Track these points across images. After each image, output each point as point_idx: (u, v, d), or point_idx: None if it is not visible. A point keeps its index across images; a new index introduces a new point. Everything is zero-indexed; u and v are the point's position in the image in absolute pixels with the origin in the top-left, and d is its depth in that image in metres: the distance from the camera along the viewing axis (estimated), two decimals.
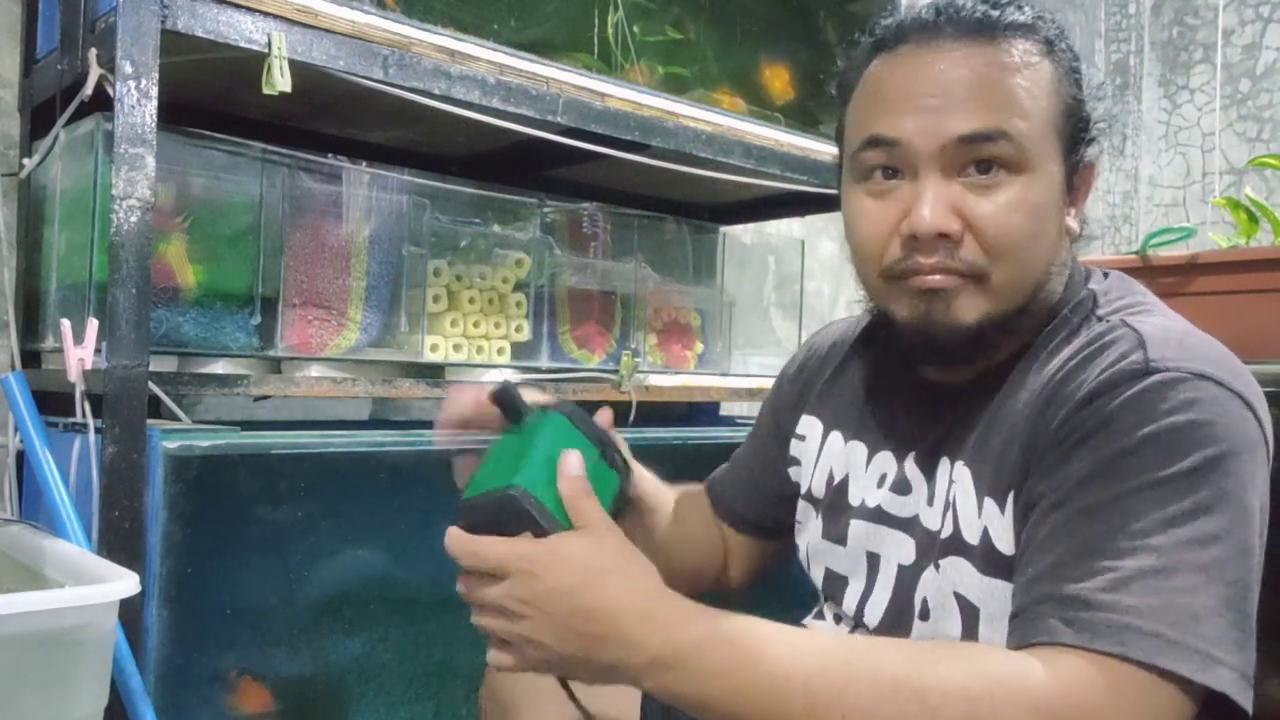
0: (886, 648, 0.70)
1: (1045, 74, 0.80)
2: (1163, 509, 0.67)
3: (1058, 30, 0.83)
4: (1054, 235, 0.81)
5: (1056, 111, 0.80)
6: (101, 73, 1.12)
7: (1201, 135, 3.83)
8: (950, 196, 0.78)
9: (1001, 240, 0.78)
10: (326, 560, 1.21)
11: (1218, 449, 0.68)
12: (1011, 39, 0.80)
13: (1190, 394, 0.70)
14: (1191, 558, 0.65)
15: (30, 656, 0.81)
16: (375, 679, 1.25)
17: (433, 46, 1.33)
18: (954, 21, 0.80)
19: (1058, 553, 0.68)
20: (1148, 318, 0.78)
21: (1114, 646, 0.63)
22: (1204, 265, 1.35)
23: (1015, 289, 0.80)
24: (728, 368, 1.99)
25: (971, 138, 0.77)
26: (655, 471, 1.07)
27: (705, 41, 1.80)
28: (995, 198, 0.78)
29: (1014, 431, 0.78)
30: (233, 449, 1.14)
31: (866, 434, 0.94)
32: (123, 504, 1.07)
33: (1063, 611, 0.66)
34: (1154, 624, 0.63)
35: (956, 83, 0.78)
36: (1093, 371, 0.74)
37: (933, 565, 0.82)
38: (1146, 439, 0.69)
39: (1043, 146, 0.79)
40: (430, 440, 1.32)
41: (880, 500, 0.89)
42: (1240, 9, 3.73)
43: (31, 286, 1.41)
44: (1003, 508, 0.78)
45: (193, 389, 1.23)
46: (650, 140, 1.57)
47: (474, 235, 1.60)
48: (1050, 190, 0.80)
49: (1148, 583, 0.64)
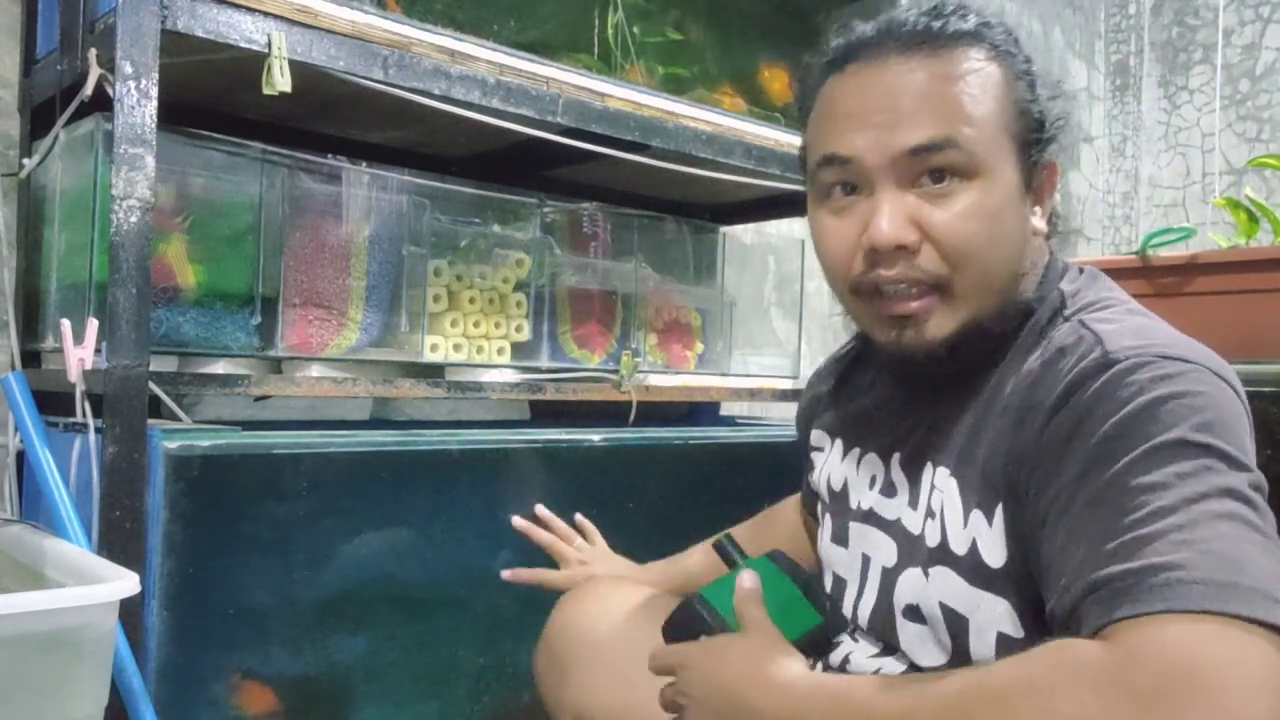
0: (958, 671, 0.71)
1: (992, 78, 0.81)
2: (1164, 473, 0.66)
3: (1005, 34, 0.84)
4: (1016, 237, 0.82)
5: (1007, 115, 0.81)
6: (101, 73, 1.12)
7: (1201, 135, 3.83)
8: (906, 208, 0.80)
9: (960, 247, 0.79)
10: (327, 560, 1.21)
11: (1202, 416, 0.68)
12: (955, 48, 0.81)
13: (1157, 371, 0.70)
14: (1209, 508, 0.64)
15: (30, 656, 0.81)
16: (378, 679, 1.25)
17: (433, 46, 1.34)
18: (897, 36, 0.82)
19: (1079, 553, 0.67)
20: (1104, 314, 0.80)
21: (1161, 604, 0.60)
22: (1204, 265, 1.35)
23: (980, 294, 0.81)
24: (728, 368, 2.00)
25: (921, 149, 0.79)
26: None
27: (705, 42, 1.80)
28: (950, 206, 0.79)
29: (997, 441, 0.79)
30: (233, 449, 1.14)
31: (860, 439, 0.97)
32: (123, 504, 1.07)
33: (1103, 596, 0.64)
34: (1192, 572, 0.60)
35: (902, 96, 0.80)
36: (1057, 375, 0.75)
37: (919, 570, 0.84)
38: (1126, 419, 0.69)
39: (994, 151, 0.80)
40: (429, 440, 1.32)
41: (872, 503, 0.92)
42: (1240, 9, 3.73)
43: (31, 286, 1.41)
44: (990, 519, 0.78)
45: (193, 389, 1.23)
46: (650, 140, 1.57)
47: (474, 235, 1.60)
48: (1006, 193, 0.81)
49: (1173, 539, 0.62)
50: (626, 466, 1.47)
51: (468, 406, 1.78)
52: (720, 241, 2.05)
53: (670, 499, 1.50)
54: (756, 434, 1.69)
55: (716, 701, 0.80)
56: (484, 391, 1.49)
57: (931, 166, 0.79)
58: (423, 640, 1.28)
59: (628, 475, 1.47)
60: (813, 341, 2.58)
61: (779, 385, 2.03)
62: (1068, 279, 0.86)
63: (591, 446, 1.45)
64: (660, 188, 1.89)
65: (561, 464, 1.42)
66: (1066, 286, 0.85)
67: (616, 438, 1.48)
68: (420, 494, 1.28)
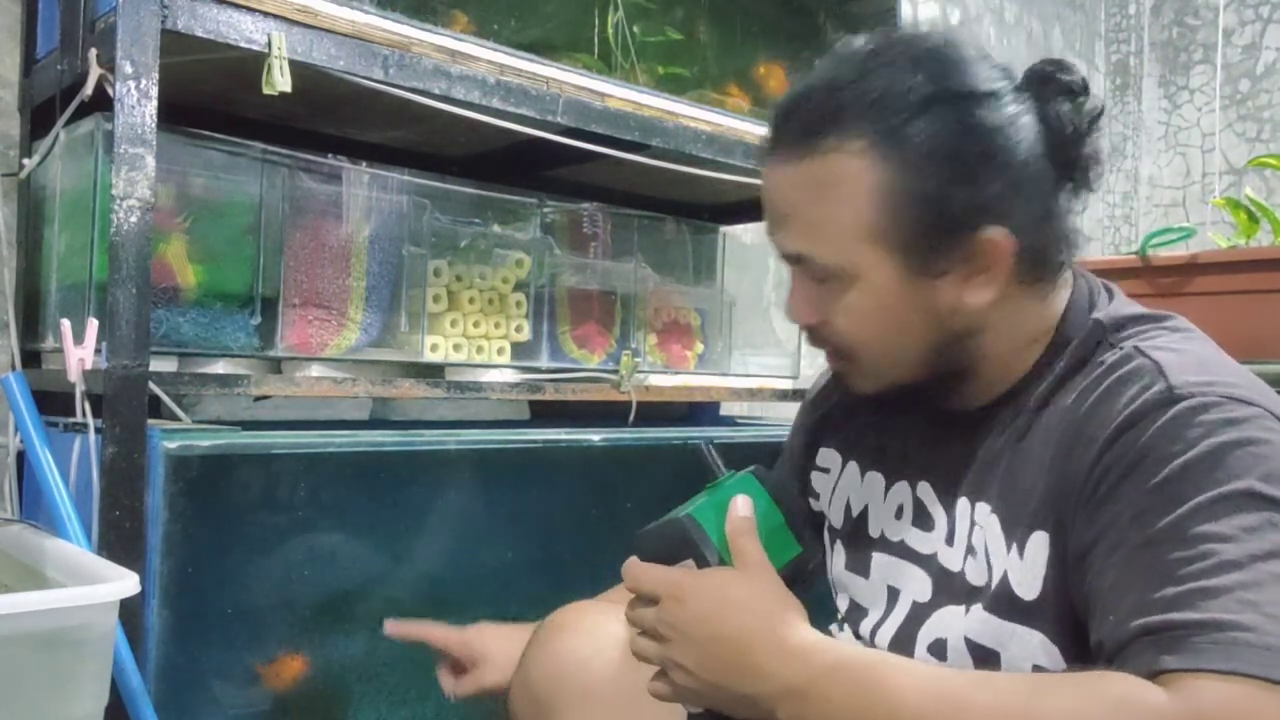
0: (1004, 678, 0.70)
1: (863, 181, 0.78)
2: (1230, 525, 0.65)
3: (910, 112, 0.77)
4: (917, 324, 0.81)
5: (876, 218, 0.78)
6: (101, 73, 1.12)
7: (1201, 135, 3.83)
8: (809, 294, 0.84)
9: (846, 339, 0.83)
10: (327, 560, 1.21)
11: (1268, 466, 0.67)
12: (825, 152, 0.79)
13: (1223, 415, 0.69)
14: (1275, 569, 0.63)
15: (30, 656, 0.81)
16: (376, 678, 1.25)
17: (433, 46, 1.33)
18: (780, 139, 0.84)
19: (1135, 591, 0.66)
20: (1161, 340, 0.77)
21: (1224, 663, 0.60)
22: (1204, 265, 1.35)
23: (888, 369, 0.84)
24: (728, 368, 1.99)
25: (789, 258, 0.84)
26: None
27: (705, 41, 1.80)
28: (834, 302, 0.83)
29: (1038, 473, 0.77)
30: (233, 449, 1.14)
31: (883, 464, 0.94)
32: (123, 504, 1.07)
33: (1160, 641, 0.63)
34: (1262, 637, 0.60)
35: (773, 205, 0.84)
36: (1116, 406, 0.73)
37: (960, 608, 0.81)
38: (1191, 464, 0.67)
39: (856, 259, 0.80)
40: (429, 440, 1.32)
41: (903, 535, 0.89)
42: (1240, 9, 3.73)
43: (31, 286, 1.41)
44: (1022, 550, 0.77)
45: (193, 389, 1.23)
46: (650, 140, 1.56)
47: (474, 235, 1.60)
48: (883, 294, 0.80)
49: (1239, 596, 0.62)
50: (626, 466, 1.47)
51: (467, 406, 1.78)
52: (720, 241, 2.05)
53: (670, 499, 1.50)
54: (756, 434, 1.69)
55: (714, 649, 0.74)
56: (484, 391, 1.49)
57: (806, 269, 0.83)
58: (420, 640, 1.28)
59: (628, 475, 1.47)
60: None
61: (779, 385, 2.03)
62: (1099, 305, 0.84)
63: (591, 446, 1.45)
64: (660, 188, 1.89)
65: (561, 464, 1.42)
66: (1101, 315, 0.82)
67: (616, 438, 1.48)
68: (420, 494, 1.28)
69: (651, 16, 1.71)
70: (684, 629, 0.75)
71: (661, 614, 0.77)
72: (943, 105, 0.77)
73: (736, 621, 0.74)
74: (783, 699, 0.70)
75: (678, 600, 0.76)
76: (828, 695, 0.69)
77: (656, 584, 0.78)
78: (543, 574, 1.37)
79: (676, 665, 0.76)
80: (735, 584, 0.76)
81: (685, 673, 0.75)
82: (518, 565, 1.29)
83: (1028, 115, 0.80)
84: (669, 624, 0.76)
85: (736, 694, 0.73)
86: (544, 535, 1.39)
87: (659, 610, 0.77)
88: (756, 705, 0.72)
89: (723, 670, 0.73)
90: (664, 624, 0.76)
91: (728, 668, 0.73)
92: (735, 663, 0.73)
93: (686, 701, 0.79)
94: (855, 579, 0.93)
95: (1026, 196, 0.79)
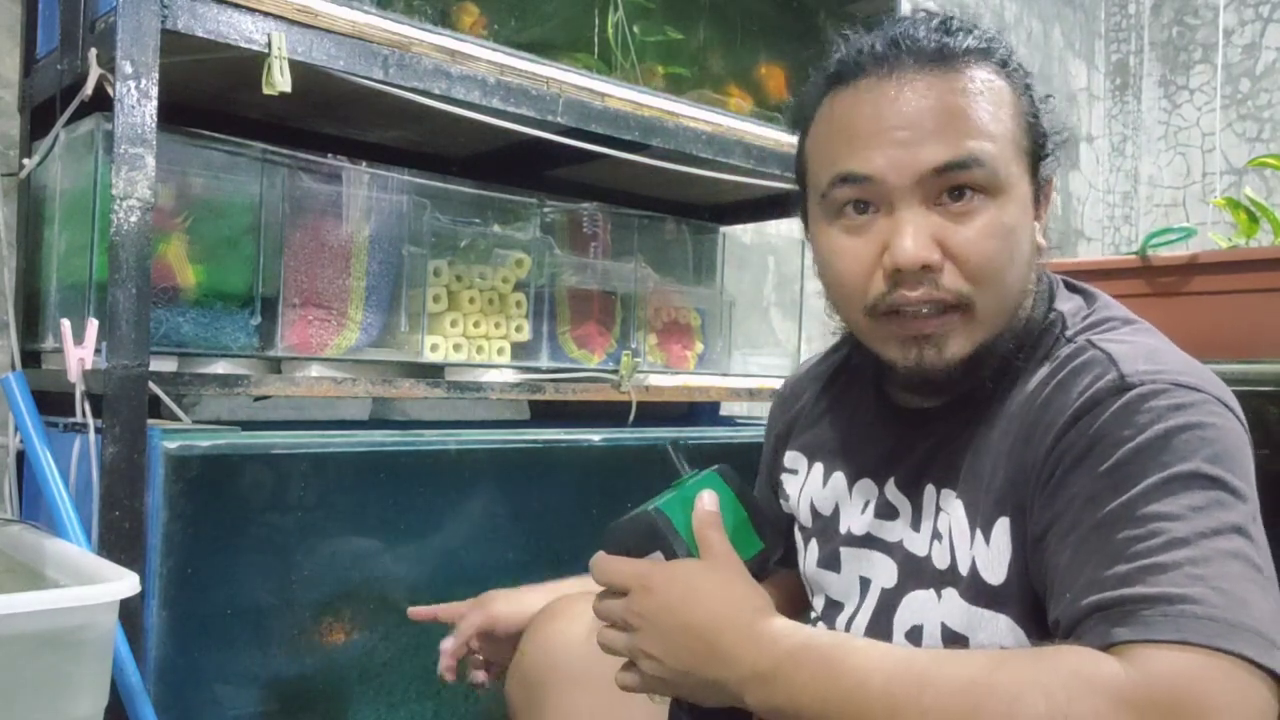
0: (965, 654, 0.71)
1: (1005, 96, 0.81)
2: (1178, 504, 0.67)
3: (1009, 51, 0.84)
4: (1028, 253, 0.82)
5: (1019, 131, 0.81)
6: (101, 73, 1.12)
7: (1201, 135, 3.83)
8: (929, 227, 0.78)
9: (983, 265, 0.78)
10: (326, 560, 1.21)
11: (1214, 449, 0.69)
12: (969, 65, 0.80)
13: (1171, 401, 0.71)
14: (1221, 545, 0.66)
15: (30, 656, 0.81)
16: (375, 678, 1.25)
17: (433, 46, 1.33)
18: (912, 52, 0.80)
19: (1088, 570, 0.68)
20: (1113, 334, 0.80)
21: (1173, 634, 0.62)
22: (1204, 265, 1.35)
23: (999, 313, 0.81)
24: (728, 368, 1.99)
25: (946, 167, 0.77)
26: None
27: (705, 41, 1.80)
28: (972, 224, 0.78)
29: (998, 460, 0.80)
30: (233, 449, 1.14)
31: (846, 464, 0.95)
32: (123, 504, 1.07)
33: (1112, 615, 0.65)
34: (1208, 609, 0.63)
35: (924, 113, 0.78)
36: (1070, 395, 0.75)
37: (929, 591, 0.83)
38: (1142, 447, 0.70)
39: (1011, 168, 0.80)
40: (429, 440, 1.32)
41: (868, 527, 0.91)
42: (1240, 9, 3.73)
43: (31, 286, 1.41)
44: (988, 537, 0.79)
45: (193, 389, 1.23)
46: (650, 140, 1.57)
47: (474, 235, 1.60)
48: (1022, 210, 0.81)
49: (1187, 571, 0.64)
50: (626, 466, 1.47)
51: (467, 406, 1.78)
52: (720, 241, 2.05)
53: None
54: (756, 434, 1.69)
55: (682, 637, 0.75)
56: (484, 391, 1.49)
57: (954, 184, 0.78)
58: (419, 640, 1.28)
59: (628, 475, 1.47)
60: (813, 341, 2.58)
61: (779, 385, 2.03)
62: (1061, 297, 0.87)
63: (591, 446, 1.45)
64: (660, 188, 1.89)
65: (561, 464, 1.42)
66: (1064, 305, 0.85)
67: (616, 438, 1.48)
68: (419, 494, 1.28)
69: (651, 16, 1.71)
70: (652, 618, 0.76)
71: (630, 604, 0.78)
72: (1017, 60, 0.85)
73: (704, 609, 0.75)
74: (750, 683, 0.71)
75: (646, 590, 0.77)
76: (793, 678, 0.70)
77: (625, 576, 0.79)
78: (543, 574, 1.37)
79: (645, 655, 0.77)
80: (702, 574, 0.78)
81: (654, 662, 0.76)
82: (518, 565, 1.29)
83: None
84: (637, 614, 0.77)
85: (705, 680, 0.74)
86: (544, 535, 1.39)
87: (627, 601, 0.78)
88: (725, 690, 0.73)
89: (691, 658, 0.74)
90: (632, 614, 0.77)
91: (695, 655, 0.74)
92: (703, 650, 0.74)
93: (655, 691, 0.80)
94: (827, 575, 0.94)
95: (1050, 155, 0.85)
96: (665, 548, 0.81)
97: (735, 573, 0.78)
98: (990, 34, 0.84)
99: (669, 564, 0.79)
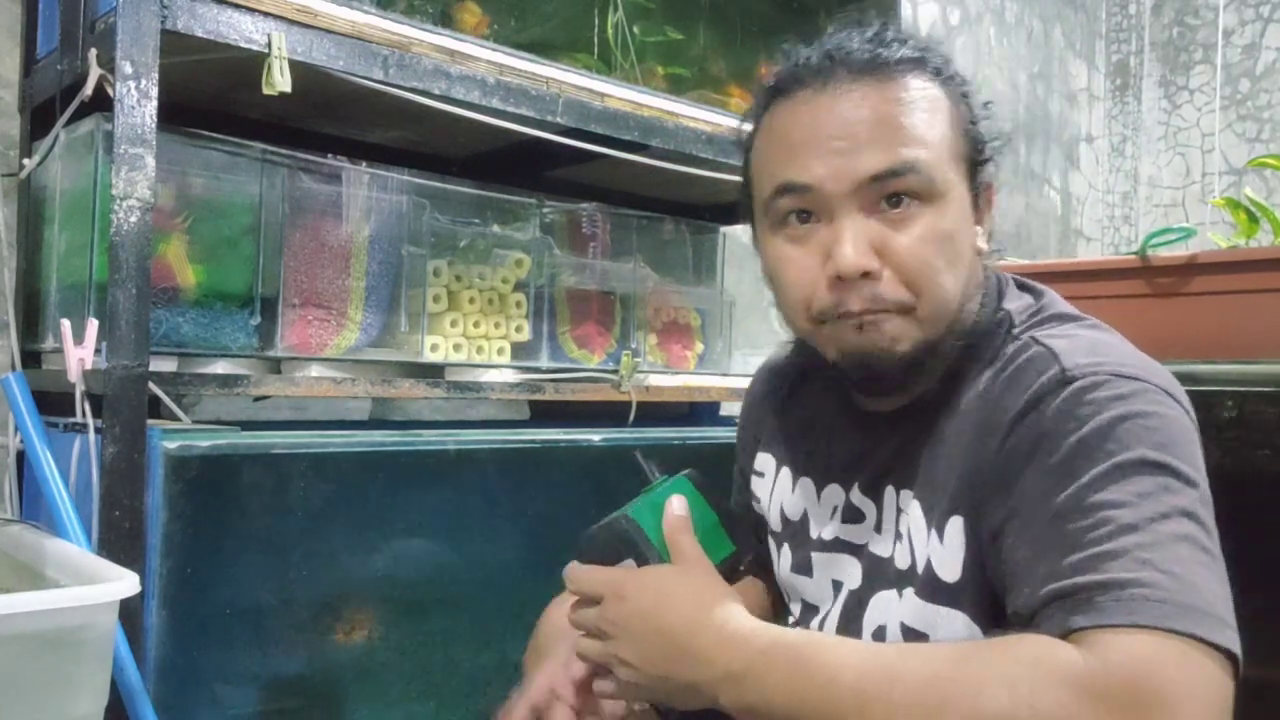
0: (933, 647, 0.72)
1: (940, 104, 0.82)
2: (1125, 491, 0.68)
3: (944, 59, 0.85)
4: (969, 257, 0.83)
5: (955, 137, 0.83)
6: (101, 73, 1.12)
7: (1201, 135, 3.84)
8: (868, 234, 0.80)
9: (920, 270, 0.80)
10: (326, 560, 1.21)
11: (1157, 436, 0.71)
12: (904, 74, 0.82)
13: (1112, 391, 0.73)
14: (1169, 529, 0.67)
15: (30, 656, 0.81)
16: (374, 678, 1.25)
17: (432, 46, 1.34)
18: (846, 63, 0.82)
19: (1044, 562, 0.69)
20: (1056, 329, 0.81)
21: (1126, 618, 0.63)
22: (1204, 265, 1.35)
23: (939, 316, 0.82)
24: (728, 368, 1.99)
25: (882, 175, 0.79)
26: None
27: (705, 41, 1.80)
28: (910, 230, 0.80)
29: (951, 460, 0.81)
30: (233, 449, 1.14)
31: (813, 470, 0.97)
32: (123, 504, 1.07)
33: (1068, 604, 0.66)
34: (1158, 591, 0.64)
35: (859, 123, 0.80)
36: (1017, 392, 0.77)
37: (892, 592, 0.84)
38: (1086, 438, 0.71)
39: (948, 173, 0.81)
40: (429, 440, 1.32)
41: (836, 531, 0.92)
42: (1240, 9, 3.73)
43: (31, 286, 1.41)
44: (942, 536, 0.80)
45: (193, 389, 1.23)
46: (650, 140, 1.57)
47: (474, 235, 1.60)
48: (960, 215, 0.82)
49: (1136, 556, 0.66)
50: (626, 467, 1.47)
51: (467, 406, 1.78)
52: (720, 241, 2.05)
53: None
54: None
55: (656, 641, 0.76)
56: (484, 391, 1.49)
57: (891, 192, 0.79)
58: (419, 640, 1.28)
59: (627, 475, 1.47)
60: None
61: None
62: (1010, 296, 0.88)
63: (591, 446, 1.45)
64: (660, 188, 1.89)
65: (561, 464, 1.42)
66: (1012, 304, 0.86)
67: (616, 438, 1.48)
68: (419, 494, 1.28)
69: (651, 17, 1.71)
70: (626, 625, 0.77)
71: (604, 612, 0.79)
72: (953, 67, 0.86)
73: (676, 613, 0.76)
74: (723, 684, 0.72)
75: (619, 598, 0.78)
76: (765, 676, 0.70)
77: (598, 584, 0.81)
78: (543, 574, 1.37)
79: (621, 661, 0.78)
80: (674, 578, 0.79)
81: (630, 668, 0.77)
82: (518, 565, 1.29)
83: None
84: (611, 621, 0.78)
85: (680, 684, 0.74)
86: (544, 535, 1.39)
87: (601, 609, 0.80)
88: (700, 693, 0.73)
89: (665, 662, 0.75)
90: (607, 622, 0.79)
91: (670, 659, 0.75)
92: (677, 653, 0.75)
93: (632, 697, 0.81)
94: (801, 579, 0.95)
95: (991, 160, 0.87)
96: (637, 554, 0.82)
97: (706, 576, 0.80)
98: (925, 43, 0.85)
99: (641, 570, 0.81)
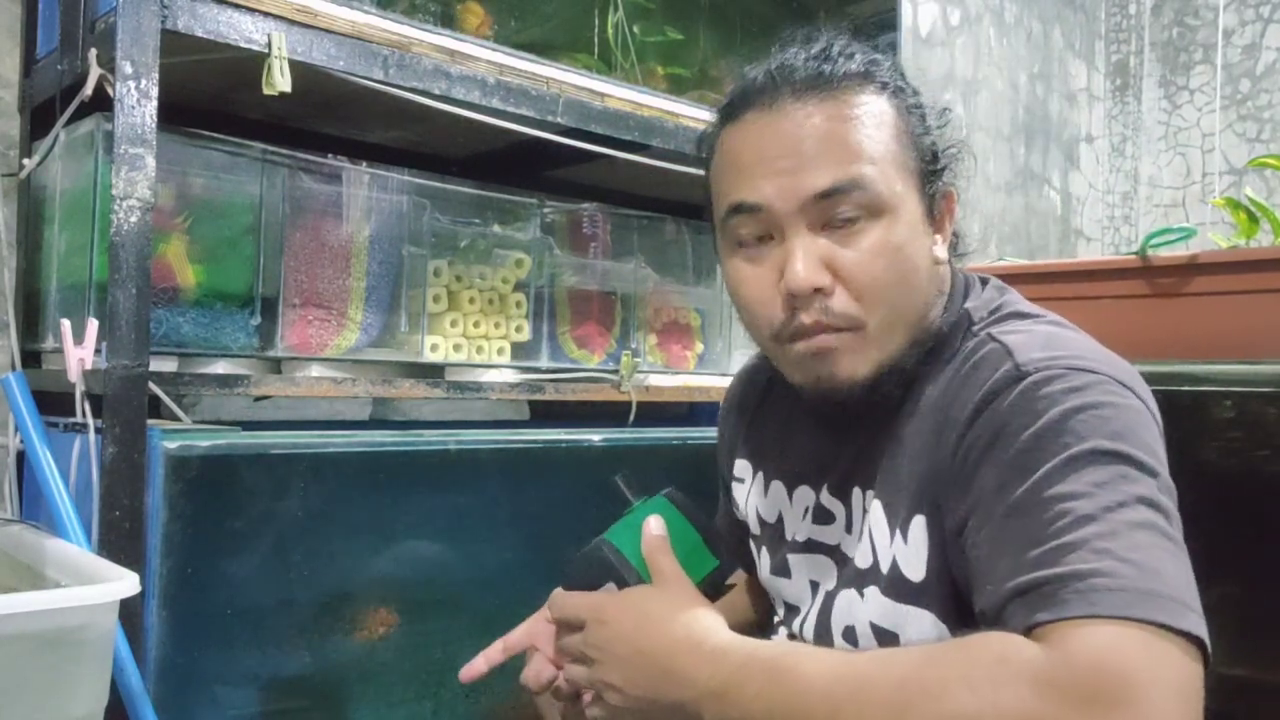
0: (901, 651, 0.72)
1: (887, 118, 0.82)
2: (1081, 483, 0.68)
3: (892, 71, 0.85)
4: (923, 270, 0.83)
5: (903, 149, 0.83)
6: (101, 73, 1.12)
7: (1201, 135, 3.84)
8: (818, 250, 0.80)
9: (870, 285, 0.80)
10: (326, 560, 1.21)
11: (1112, 426, 0.71)
12: (849, 90, 0.82)
13: (1066, 384, 0.73)
14: (1127, 517, 0.67)
15: (30, 656, 0.81)
16: (375, 678, 1.25)
17: (433, 46, 1.34)
18: (790, 82, 0.82)
19: (1005, 558, 0.69)
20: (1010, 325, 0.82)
21: (1086, 609, 0.63)
22: (1204, 265, 1.34)
23: (893, 332, 0.82)
24: (728, 368, 1.99)
25: (828, 192, 0.79)
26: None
27: (705, 41, 1.80)
28: (859, 245, 0.80)
29: (912, 459, 0.81)
30: (233, 449, 1.14)
31: (784, 472, 0.97)
32: (123, 504, 1.07)
33: (1030, 599, 0.66)
34: (1118, 580, 0.64)
35: (804, 141, 0.81)
36: (972, 389, 0.77)
37: (853, 591, 0.85)
38: (1041, 432, 0.71)
39: (896, 187, 0.81)
40: (429, 440, 1.32)
41: (809, 533, 0.93)
42: (1240, 9, 3.73)
43: (31, 286, 1.41)
44: (905, 535, 0.81)
45: (193, 389, 1.23)
46: (650, 140, 1.57)
47: (474, 235, 1.60)
48: (911, 227, 0.82)
49: (1094, 546, 0.65)
50: (626, 467, 1.47)
51: (467, 406, 1.78)
52: None
53: None
54: None
55: (640, 663, 0.76)
56: (484, 391, 1.49)
57: (838, 208, 0.80)
58: (419, 640, 1.28)
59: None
60: None
61: None
62: (971, 296, 0.88)
63: (591, 446, 1.45)
64: (660, 188, 1.88)
65: (561, 464, 1.42)
66: (971, 303, 0.87)
67: (616, 438, 1.48)
68: (419, 494, 1.28)
69: (651, 17, 1.71)
70: (609, 648, 0.78)
71: (587, 637, 0.80)
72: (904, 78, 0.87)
73: (657, 634, 0.76)
74: (706, 701, 0.72)
75: (600, 622, 0.79)
76: (743, 691, 0.70)
77: (579, 609, 0.81)
78: (543, 574, 1.37)
79: (607, 685, 0.78)
80: (653, 599, 0.79)
81: (616, 692, 0.77)
82: (517, 565, 1.29)
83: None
84: (595, 646, 0.79)
85: (666, 704, 0.75)
86: (544, 535, 1.39)
87: (584, 634, 0.80)
88: (685, 712, 0.73)
89: (649, 683, 0.75)
90: (590, 646, 0.79)
91: (653, 680, 0.75)
92: (660, 674, 0.75)
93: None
94: (780, 581, 0.96)
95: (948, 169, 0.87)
96: (617, 578, 0.82)
97: (685, 594, 0.80)
98: (872, 57, 0.85)
99: (621, 593, 0.81)
